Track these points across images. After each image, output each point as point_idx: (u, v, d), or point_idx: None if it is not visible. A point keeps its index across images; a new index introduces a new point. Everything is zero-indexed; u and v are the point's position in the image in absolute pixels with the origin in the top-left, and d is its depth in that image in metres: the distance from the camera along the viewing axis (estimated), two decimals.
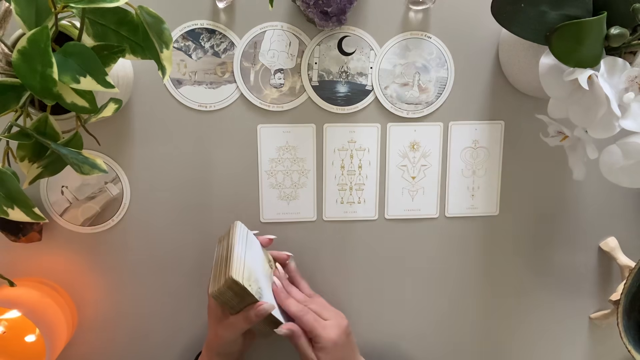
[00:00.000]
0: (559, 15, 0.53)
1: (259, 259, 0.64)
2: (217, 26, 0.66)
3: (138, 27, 0.44)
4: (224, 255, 0.61)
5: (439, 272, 0.74)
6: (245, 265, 0.59)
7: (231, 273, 0.56)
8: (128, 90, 0.63)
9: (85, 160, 0.46)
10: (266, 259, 0.66)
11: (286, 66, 0.68)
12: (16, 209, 0.45)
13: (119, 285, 0.70)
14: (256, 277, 0.60)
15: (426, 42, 0.68)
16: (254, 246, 0.64)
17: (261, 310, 0.58)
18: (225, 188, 0.69)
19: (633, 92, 0.52)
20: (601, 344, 0.78)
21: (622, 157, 0.54)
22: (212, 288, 0.58)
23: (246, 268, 0.59)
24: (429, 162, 0.71)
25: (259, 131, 0.69)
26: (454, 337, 0.75)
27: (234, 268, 0.57)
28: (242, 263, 0.59)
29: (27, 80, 0.41)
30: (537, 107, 0.69)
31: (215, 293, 0.57)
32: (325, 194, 0.71)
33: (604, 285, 0.76)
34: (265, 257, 0.66)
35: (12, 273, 0.64)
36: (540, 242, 0.74)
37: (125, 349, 0.71)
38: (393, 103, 0.69)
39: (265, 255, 0.66)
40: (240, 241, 0.62)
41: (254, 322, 0.59)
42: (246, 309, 0.59)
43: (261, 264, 0.63)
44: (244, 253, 0.60)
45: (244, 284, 0.56)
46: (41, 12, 0.44)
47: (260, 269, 0.62)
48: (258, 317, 0.59)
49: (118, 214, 0.68)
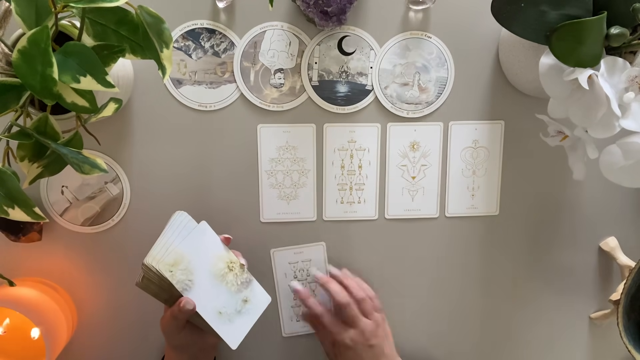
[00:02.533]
0: (559, 15, 0.53)
1: (209, 254, 0.61)
2: (217, 26, 0.66)
3: (138, 27, 0.44)
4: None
5: (439, 272, 0.74)
6: (175, 252, 0.57)
7: (146, 258, 0.55)
8: (128, 90, 0.63)
9: (86, 160, 0.46)
10: (225, 259, 0.62)
11: (286, 66, 0.68)
12: (16, 208, 0.45)
13: (119, 285, 0.70)
14: (188, 267, 0.58)
15: (426, 42, 0.68)
16: (205, 240, 0.62)
17: (183, 306, 0.56)
18: (225, 188, 0.69)
19: (633, 92, 0.52)
20: (601, 344, 0.78)
21: (622, 157, 0.54)
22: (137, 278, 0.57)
23: (173, 254, 0.57)
24: (429, 162, 0.71)
25: (259, 131, 0.69)
26: (453, 337, 0.75)
27: (151, 253, 0.56)
28: (166, 249, 0.57)
29: (27, 80, 0.41)
30: (537, 107, 0.69)
31: (139, 283, 0.56)
32: (325, 194, 0.71)
33: (604, 285, 0.76)
34: (225, 257, 0.63)
35: (12, 273, 0.64)
36: (540, 242, 0.74)
37: (125, 348, 0.71)
38: (393, 103, 0.69)
39: (225, 255, 0.63)
40: (174, 229, 0.60)
41: (180, 318, 0.57)
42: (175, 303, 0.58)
43: (209, 259, 0.61)
44: (177, 242, 0.58)
45: (159, 270, 0.55)
46: (41, 12, 0.44)
47: (204, 262, 0.60)
48: (181, 312, 0.56)
49: (118, 214, 0.68)
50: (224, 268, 0.62)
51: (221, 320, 0.60)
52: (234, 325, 0.61)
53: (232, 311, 0.61)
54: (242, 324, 0.62)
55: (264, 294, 0.65)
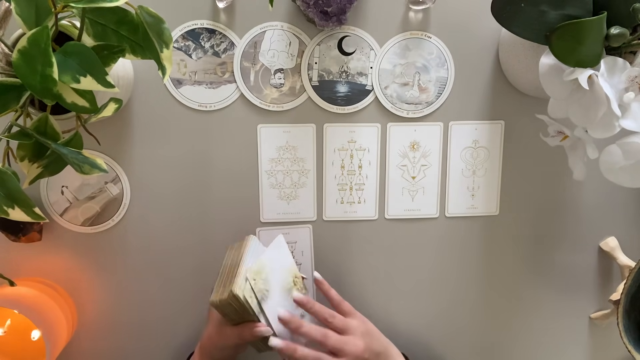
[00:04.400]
0: (559, 15, 0.53)
1: (283, 267, 0.62)
2: (217, 26, 0.66)
3: (138, 27, 0.44)
4: (232, 267, 0.60)
5: (439, 272, 0.74)
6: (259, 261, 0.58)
7: (233, 288, 0.56)
8: (128, 90, 0.63)
9: (86, 160, 0.46)
10: (293, 273, 0.64)
11: (286, 66, 0.68)
12: (16, 208, 0.45)
13: (119, 285, 0.70)
14: (267, 277, 0.59)
15: (426, 42, 0.68)
16: (281, 252, 0.63)
17: (256, 332, 0.57)
18: (225, 188, 0.69)
19: (633, 92, 0.52)
20: (601, 344, 0.78)
21: (622, 157, 0.54)
22: (214, 297, 0.58)
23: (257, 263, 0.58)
24: (429, 162, 0.71)
25: (259, 131, 0.69)
26: (453, 337, 0.75)
27: (238, 283, 0.56)
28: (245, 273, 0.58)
29: (27, 80, 0.41)
30: (537, 107, 0.69)
31: (216, 303, 0.57)
32: (325, 194, 0.71)
33: (604, 285, 0.76)
34: (293, 271, 0.64)
35: (12, 273, 0.64)
36: (540, 242, 0.74)
37: (125, 348, 0.71)
38: (393, 103, 0.69)
39: (294, 269, 0.64)
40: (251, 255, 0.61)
41: (248, 340, 0.58)
42: (243, 324, 0.58)
43: (282, 273, 0.62)
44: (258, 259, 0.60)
45: (245, 297, 0.56)
46: (41, 12, 0.44)
47: (277, 275, 0.61)
48: (253, 337, 0.58)
49: (118, 214, 0.68)
50: (291, 282, 0.63)
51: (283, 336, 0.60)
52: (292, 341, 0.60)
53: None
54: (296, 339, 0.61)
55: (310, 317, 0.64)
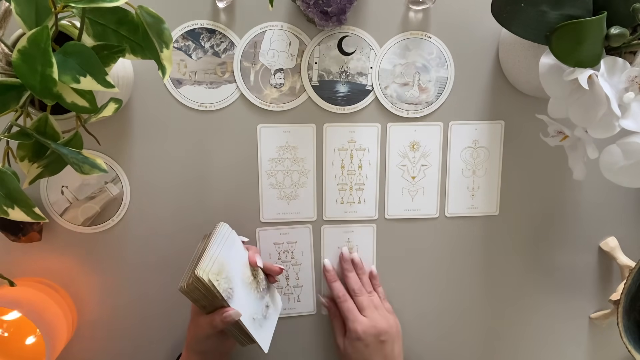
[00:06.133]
0: (559, 15, 0.53)
1: (239, 262, 0.62)
2: (217, 26, 0.66)
3: (138, 27, 0.44)
4: (199, 253, 0.60)
5: (439, 272, 0.74)
6: (217, 261, 0.58)
7: (197, 269, 0.56)
8: (128, 90, 0.63)
9: (85, 160, 0.46)
10: (249, 267, 0.64)
11: (286, 66, 0.68)
12: (16, 208, 0.45)
13: (119, 285, 0.70)
14: (228, 275, 0.58)
15: (426, 42, 0.68)
16: (237, 249, 0.63)
17: (227, 316, 0.57)
18: (225, 188, 0.69)
19: (633, 92, 0.52)
20: (601, 344, 0.78)
21: (622, 157, 0.54)
22: (181, 283, 0.57)
23: (216, 263, 0.58)
24: (429, 162, 0.71)
25: (259, 131, 0.69)
26: (453, 337, 0.75)
27: (202, 265, 0.56)
28: (212, 260, 0.58)
29: (27, 80, 0.41)
30: (537, 107, 0.69)
31: (183, 288, 0.57)
32: (325, 194, 0.71)
33: (604, 285, 0.76)
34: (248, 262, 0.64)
35: (12, 273, 0.64)
36: (540, 242, 0.74)
37: (125, 348, 0.71)
38: (393, 103, 0.69)
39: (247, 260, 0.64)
40: (218, 241, 0.61)
41: (220, 327, 0.58)
42: (215, 312, 0.58)
43: (240, 268, 0.62)
44: (219, 251, 0.59)
45: (210, 280, 0.55)
46: (41, 12, 0.44)
47: (237, 271, 0.61)
48: (224, 323, 0.57)
49: (118, 214, 0.68)
50: (250, 276, 0.63)
51: (254, 326, 0.61)
52: (263, 330, 0.62)
53: (260, 317, 0.62)
54: (268, 328, 0.64)
55: (279, 298, 0.68)
